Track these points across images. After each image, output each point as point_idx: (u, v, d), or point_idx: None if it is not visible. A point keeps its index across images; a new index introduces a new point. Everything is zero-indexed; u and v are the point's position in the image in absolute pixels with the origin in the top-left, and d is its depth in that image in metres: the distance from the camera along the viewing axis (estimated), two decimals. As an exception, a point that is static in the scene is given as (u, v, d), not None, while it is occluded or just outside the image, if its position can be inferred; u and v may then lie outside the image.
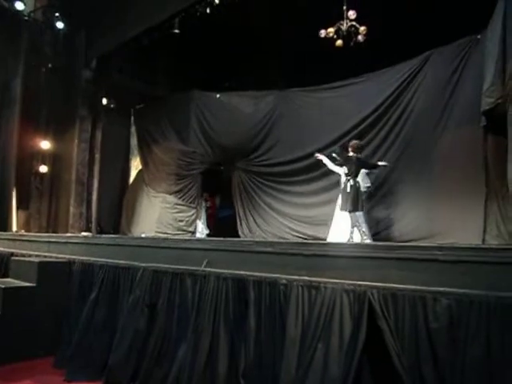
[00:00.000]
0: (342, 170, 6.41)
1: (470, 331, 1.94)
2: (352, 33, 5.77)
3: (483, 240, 5.27)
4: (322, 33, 5.90)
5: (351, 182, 5.63)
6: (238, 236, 8.11)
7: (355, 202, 5.56)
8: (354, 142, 5.92)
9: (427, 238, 5.75)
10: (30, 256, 5.12)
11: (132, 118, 10.35)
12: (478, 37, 5.59)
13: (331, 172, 7.20)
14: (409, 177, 6.28)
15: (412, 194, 6.21)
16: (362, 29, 5.74)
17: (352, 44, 5.80)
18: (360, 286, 2.31)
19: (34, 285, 4.25)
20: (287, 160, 7.80)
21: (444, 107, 5.96)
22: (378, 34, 5.79)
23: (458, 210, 5.58)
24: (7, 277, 4.93)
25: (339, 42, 5.85)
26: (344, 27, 5.81)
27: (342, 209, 5.72)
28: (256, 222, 8.27)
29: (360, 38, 5.77)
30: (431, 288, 2.11)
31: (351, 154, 5.74)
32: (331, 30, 5.85)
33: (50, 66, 8.84)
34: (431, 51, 6.13)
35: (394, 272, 2.25)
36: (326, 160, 6.53)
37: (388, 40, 6.08)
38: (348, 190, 5.60)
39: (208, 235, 8.90)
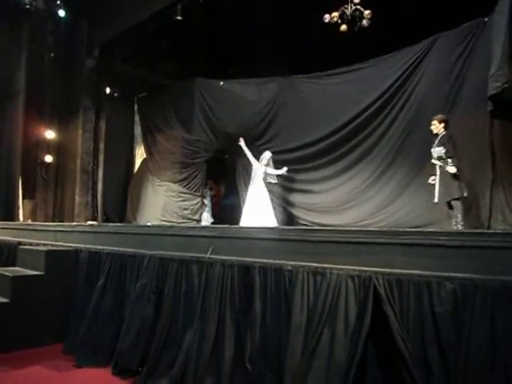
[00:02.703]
0: (256, 163, 7.11)
1: (474, 315, 1.95)
2: (356, 17, 5.70)
3: (488, 225, 5.26)
4: (327, 17, 5.82)
5: (450, 162, 4.90)
6: (243, 224, 8.13)
7: (459, 185, 4.87)
8: (442, 116, 5.21)
9: (432, 224, 5.74)
10: (37, 245, 5.18)
11: (136, 107, 10.34)
12: (486, 20, 5.50)
13: (338, 159, 7.23)
14: (414, 162, 6.25)
15: (417, 180, 6.18)
16: (367, 13, 5.66)
17: (356, 29, 5.73)
18: (365, 271, 2.32)
19: (42, 273, 4.30)
20: (292, 147, 7.77)
21: (450, 92, 5.90)
22: (383, 17, 5.70)
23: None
24: (15, 266, 4.99)
25: (344, 27, 5.77)
26: (348, 11, 5.73)
27: (446, 198, 4.93)
28: (261, 210, 8.28)
29: (365, 22, 5.69)
30: (436, 273, 2.11)
31: (442, 130, 5.08)
32: (335, 14, 5.78)
33: (52, 55, 8.82)
34: (437, 35, 6.05)
35: (399, 257, 2.26)
36: (245, 148, 7.23)
37: (393, 24, 5.98)
38: (454, 170, 4.86)
39: (213, 223, 8.94)
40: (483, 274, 1.97)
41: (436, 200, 5.05)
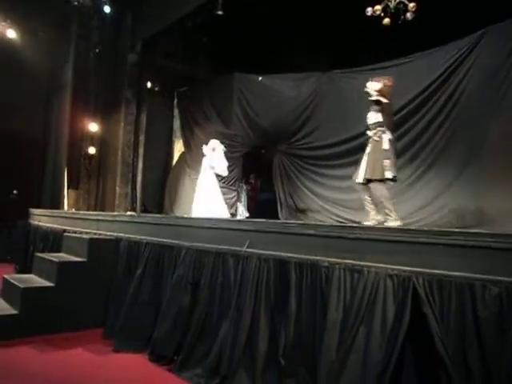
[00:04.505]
0: (208, 152, 6.76)
1: (521, 321, 1.87)
2: (400, 10, 5.52)
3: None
4: (369, 11, 5.67)
5: (389, 134, 4.13)
6: (278, 219, 8.14)
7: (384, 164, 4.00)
8: (380, 78, 4.48)
9: (475, 225, 5.52)
10: (80, 233, 5.40)
11: (175, 101, 10.53)
12: (540, 11, 5.21)
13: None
14: (457, 161, 6.03)
15: (460, 180, 5.96)
16: (411, 5, 5.47)
17: (400, 22, 5.56)
18: (404, 271, 2.27)
19: (85, 260, 4.49)
20: (329, 143, 7.69)
21: (498, 90, 5.62)
22: (429, 10, 5.50)
23: (510, 198, 5.30)
24: (60, 252, 5.24)
25: (386, 21, 5.61)
26: (392, 4, 5.57)
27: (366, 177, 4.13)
28: (296, 206, 8.26)
29: (409, 15, 5.51)
30: (480, 275, 2.04)
31: (377, 96, 4.34)
32: (378, 7, 5.62)
33: (97, 50, 9.12)
34: (486, 29, 5.78)
35: (441, 258, 2.19)
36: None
37: (440, 17, 5.76)
38: (386, 146, 4.07)
39: (247, 218, 8.99)
40: (532, 278, 1.89)
41: (359, 179, 4.20)
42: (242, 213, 9.20)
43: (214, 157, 6.85)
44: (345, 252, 2.59)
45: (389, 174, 4.01)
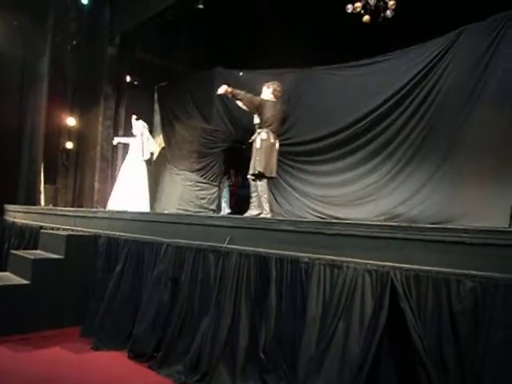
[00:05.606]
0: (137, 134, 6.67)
1: (494, 315, 1.92)
2: (380, 7, 5.57)
3: (509, 225, 5.15)
4: (349, 8, 5.70)
5: (264, 135, 4.65)
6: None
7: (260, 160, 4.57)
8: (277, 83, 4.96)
9: (451, 221, 5.64)
10: (58, 229, 5.29)
11: (155, 96, 10.39)
12: (516, 11, 5.33)
13: (353, 152, 7.16)
14: (434, 158, 6.14)
15: (437, 176, 6.07)
16: (391, 3, 5.52)
17: (380, 20, 5.61)
18: (383, 266, 2.30)
19: (62, 257, 4.40)
20: (308, 139, 7.70)
21: (475, 87, 5.74)
22: (409, 8, 5.56)
23: (485, 194, 5.43)
24: (36, 249, 5.13)
25: (366, 18, 5.63)
26: (372, 1, 5.61)
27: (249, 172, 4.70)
28: (277, 201, 8.27)
29: (389, 13, 5.56)
30: (455, 270, 2.09)
31: (272, 97, 4.94)
32: (358, 4, 5.64)
33: (74, 43, 8.90)
34: (464, 27, 5.87)
35: (418, 253, 2.23)
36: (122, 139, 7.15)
37: (419, 15, 5.84)
38: (257, 146, 4.68)
39: (229, 214, 8.97)
40: (505, 273, 1.94)
41: (250, 172, 4.75)
42: (224, 209, 9.18)
43: (146, 141, 6.68)
44: (325, 248, 2.61)
45: (255, 171, 4.59)
